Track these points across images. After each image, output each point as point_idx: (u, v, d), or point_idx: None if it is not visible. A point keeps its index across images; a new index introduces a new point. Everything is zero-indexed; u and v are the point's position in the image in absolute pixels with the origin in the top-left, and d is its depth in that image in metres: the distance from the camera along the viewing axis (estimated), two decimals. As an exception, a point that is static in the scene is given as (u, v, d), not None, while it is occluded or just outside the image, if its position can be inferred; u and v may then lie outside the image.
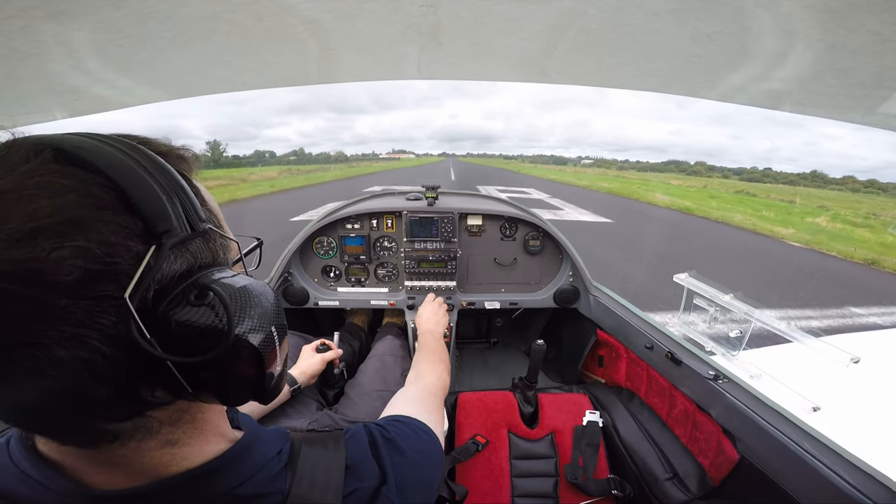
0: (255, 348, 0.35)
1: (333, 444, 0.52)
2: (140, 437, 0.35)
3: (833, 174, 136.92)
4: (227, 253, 0.42)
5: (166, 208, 0.32)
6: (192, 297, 0.33)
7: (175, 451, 0.38)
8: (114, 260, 0.29)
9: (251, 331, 0.35)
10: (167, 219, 0.32)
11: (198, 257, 0.36)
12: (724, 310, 1.12)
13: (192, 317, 0.32)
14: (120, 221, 0.30)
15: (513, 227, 1.87)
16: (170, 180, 0.35)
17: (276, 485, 0.44)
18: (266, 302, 0.38)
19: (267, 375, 0.38)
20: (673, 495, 1.17)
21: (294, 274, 1.81)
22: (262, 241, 0.54)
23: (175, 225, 0.33)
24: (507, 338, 2.58)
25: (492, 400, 1.54)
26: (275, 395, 0.41)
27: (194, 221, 0.35)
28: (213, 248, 0.39)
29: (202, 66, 0.97)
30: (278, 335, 0.39)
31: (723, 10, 0.63)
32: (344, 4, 0.74)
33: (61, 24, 0.61)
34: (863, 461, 0.79)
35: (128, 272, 0.29)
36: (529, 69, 1.12)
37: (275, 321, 0.38)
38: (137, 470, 0.37)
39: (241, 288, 0.36)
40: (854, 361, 0.83)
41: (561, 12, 0.74)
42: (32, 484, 0.35)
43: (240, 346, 0.34)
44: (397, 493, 0.49)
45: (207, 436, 0.42)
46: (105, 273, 0.28)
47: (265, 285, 0.40)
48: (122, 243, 0.29)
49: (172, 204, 0.33)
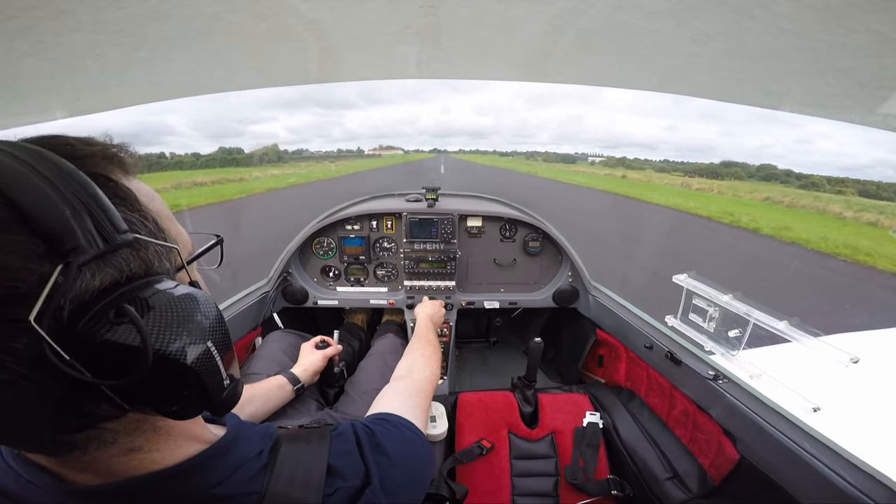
0: (187, 366, 0.33)
1: (318, 440, 0.52)
2: (96, 447, 0.35)
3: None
4: (165, 260, 0.39)
5: (70, 225, 0.29)
6: (110, 315, 0.31)
7: (142, 457, 0.38)
8: (14, 284, 0.27)
9: (179, 348, 0.33)
10: (72, 236, 0.29)
11: (124, 270, 0.33)
12: (723, 310, 1.12)
13: (112, 336, 0.30)
14: (17, 242, 0.28)
15: (512, 228, 1.87)
16: (78, 190, 0.31)
17: (253, 485, 0.44)
18: (199, 315, 0.36)
19: (210, 389, 0.36)
20: (673, 495, 1.17)
21: (293, 274, 1.81)
22: (221, 238, 0.52)
23: (82, 242, 0.29)
24: (506, 337, 2.58)
25: (492, 400, 1.54)
26: (230, 406, 0.39)
27: (108, 234, 0.32)
28: (144, 258, 0.36)
29: (202, 65, 0.97)
30: (218, 348, 0.36)
31: (723, 10, 0.63)
32: (344, 4, 0.74)
33: (61, 24, 0.61)
34: (863, 461, 0.79)
35: (34, 294, 0.27)
36: (529, 69, 1.12)
37: (211, 335, 0.36)
38: (107, 472, 0.37)
39: (165, 304, 0.34)
40: (854, 361, 0.83)
41: (561, 12, 0.74)
42: (20, 480, 0.37)
43: (166, 365, 0.32)
44: (382, 494, 0.49)
45: (177, 440, 0.41)
46: (8, 297, 0.27)
47: (202, 294, 0.38)
48: (23, 266, 0.27)
49: (79, 218, 0.30)
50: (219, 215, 15.61)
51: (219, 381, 0.37)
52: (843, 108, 0.83)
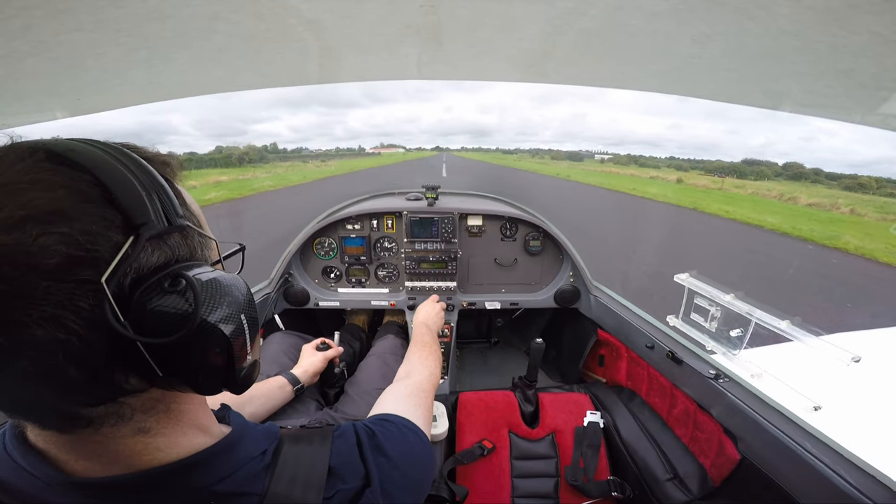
0: (224, 335, 0.37)
1: (320, 440, 0.52)
2: (112, 423, 0.36)
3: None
4: (205, 251, 0.44)
5: (145, 203, 0.35)
6: (165, 286, 0.35)
7: (148, 440, 0.39)
8: (94, 248, 0.31)
9: (220, 319, 0.37)
10: (145, 212, 0.34)
11: (175, 251, 0.38)
12: (724, 309, 1.12)
13: (164, 303, 0.34)
14: (102, 214, 0.32)
15: (513, 227, 1.87)
16: (150, 180, 0.37)
17: (255, 485, 0.44)
18: (237, 293, 0.40)
19: (237, 364, 0.39)
20: (674, 496, 1.17)
21: (294, 275, 1.81)
22: (244, 245, 0.55)
23: (153, 218, 0.35)
24: (507, 338, 2.58)
25: (492, 399, 1.54)
26: (247, 386, 0.43)
27: (171, 217, 0.38)
28: (190, 245, 0.41)
29: (203, 65, 0.97)
30: (249, 326, 0.40)
31: (723, 10, 0.63)
32: (344, 4, 0.74)
33: (61, 24, 0.61)
34: (864, 461, 0.79)
35: (107, 259, 0.31)
36: (529, 69, 1.12)
37: (245, 312, 0.40)
38: (112, 458, 0.38)
39: (212, 279, 0.38)
40: (855, 360, 0.83)
41: (561, 12, 0.74)
42: (21, 473, 0.37)
43: (207, 332, 0.36)
44: (381, 495, 0.49)
45: (183, 427, 0.42)
46: (85, 259, 0.30)
47: (239, 279, 0.42)
48: (103, 233, 0.32)
49: (151, 200, 0.36)
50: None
51: (244, 357, 0.40)
52: (843, 109, 0.83)
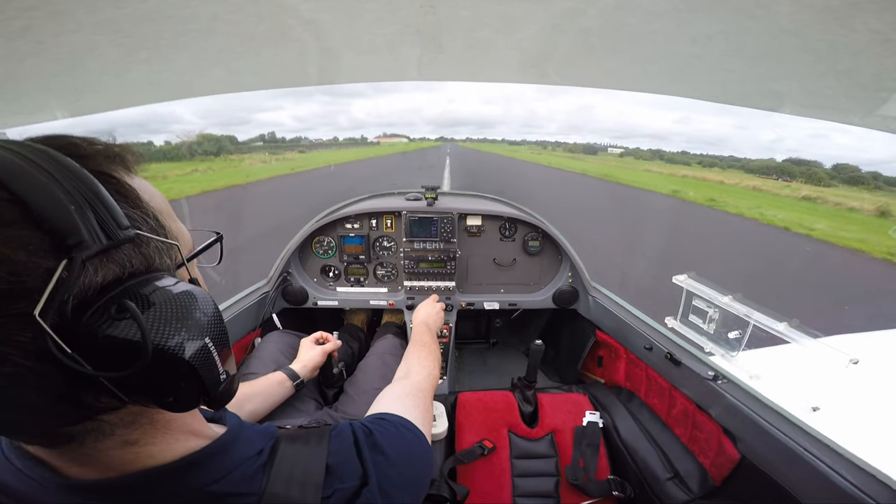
0: (184, 360, 0.34)
1: (317, 440, 0.52)
2: (94, 439, 0.36)
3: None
4: (165, 257, 0.40)
5: (75, 220, 0.30)
6: (112, 311, 0.31)
7: (138, 450, 0.39)
8: (20, 278, 0.28)
9: (179, 343, 0.34)
10: (76, 231, 0.30)
11: (126, 265, 0.34)
12: (723, 311, 1.12)
13: (113, 331, 0.31)
14: (24, 238, 0.28)
15: (512, 227, 1.87)
16: (82, 187, 0.32)
17: (252, 485, 0.44)
18: (197, 312, 0.36)
19: (207, 384, 0.36)
20: (674, 495, 1.17)
21: (293, 273, 1.81)
22: (221, 235, 0.52)
23: (86, 237, 0.30)
24: (506, 338, 2.58)
25: (491, 400, 1.54)
26: (226, 400, 0.40)
27: (111, 230, 0.33)
28: (146, 254, 0.36)
29: (202, 66, 0.97)
30: (215, 343, 0.37)
31: (723, 10, 0.63)
32: (344, 5, 0.74)
33: (61, 25, 0.61)
34: (863, 461, 0.79)
35: (39, 289, 0.28)
36: (529, 70, 1.12)
37: (208, 330, 0.37)
38: (104, 466, 0.38)
39: (168, 299, 0.34)
40: (853, 362, 0.83)
41: (561, 12, 0.74)
42: (20, 476, 0.38)
43: (165, 359, 0.33)
44: (379, 495, 0.49)
45: (174, 434, 0.42)
46: (13, 292, 0.28)
47: (201, 292, 0.38)
48: (28, 260, 0.28)
49: (83, 214, 0.31)
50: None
51: (215, 376, 0.37)
52: (842, 110, 0.83)
